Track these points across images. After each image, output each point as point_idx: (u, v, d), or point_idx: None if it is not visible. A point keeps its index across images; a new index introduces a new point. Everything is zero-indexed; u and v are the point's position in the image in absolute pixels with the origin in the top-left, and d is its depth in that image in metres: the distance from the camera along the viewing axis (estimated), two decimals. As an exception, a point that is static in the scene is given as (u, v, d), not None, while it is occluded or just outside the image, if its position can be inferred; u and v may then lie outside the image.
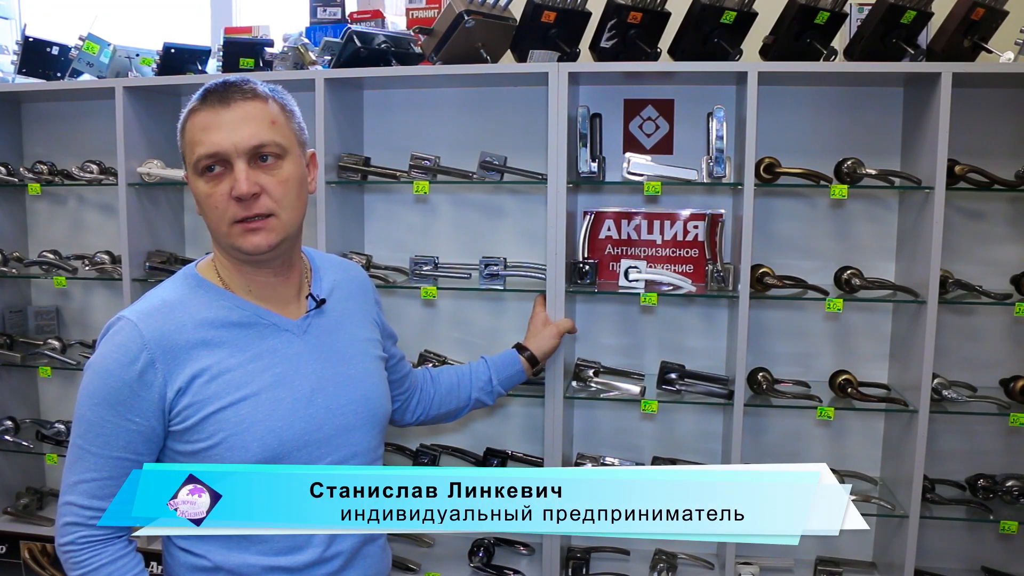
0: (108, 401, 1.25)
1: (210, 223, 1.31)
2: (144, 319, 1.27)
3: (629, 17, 2.15)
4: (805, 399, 2.23)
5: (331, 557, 1.35)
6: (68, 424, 2.70)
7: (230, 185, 1.26)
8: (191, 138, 1.28)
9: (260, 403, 1.30)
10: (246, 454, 1.28)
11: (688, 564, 2.41)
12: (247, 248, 1.29)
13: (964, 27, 2.09)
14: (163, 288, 1.35)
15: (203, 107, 1.28)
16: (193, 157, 1.27)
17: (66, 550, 1.26)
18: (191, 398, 1.27)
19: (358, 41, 2.24)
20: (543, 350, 2.00)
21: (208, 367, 1.28)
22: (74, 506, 1.26)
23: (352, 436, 1.39)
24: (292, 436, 1.31)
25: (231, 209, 1.27)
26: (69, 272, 2.57)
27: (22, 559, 2.62)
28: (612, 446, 2.49)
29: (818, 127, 2.34)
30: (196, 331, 1.28)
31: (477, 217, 2.52)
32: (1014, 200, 2.32)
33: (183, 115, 1.31)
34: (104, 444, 1.25)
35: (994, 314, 2.34)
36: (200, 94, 1.29)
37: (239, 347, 1.31)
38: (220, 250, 1.36)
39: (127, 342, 1.25)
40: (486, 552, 2.42)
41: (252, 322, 1.33)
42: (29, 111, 2.77)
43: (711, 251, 2.39)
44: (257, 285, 1.36)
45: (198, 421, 1.27)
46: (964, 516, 2.26)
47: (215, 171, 1.27)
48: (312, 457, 1.33)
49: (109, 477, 1.25)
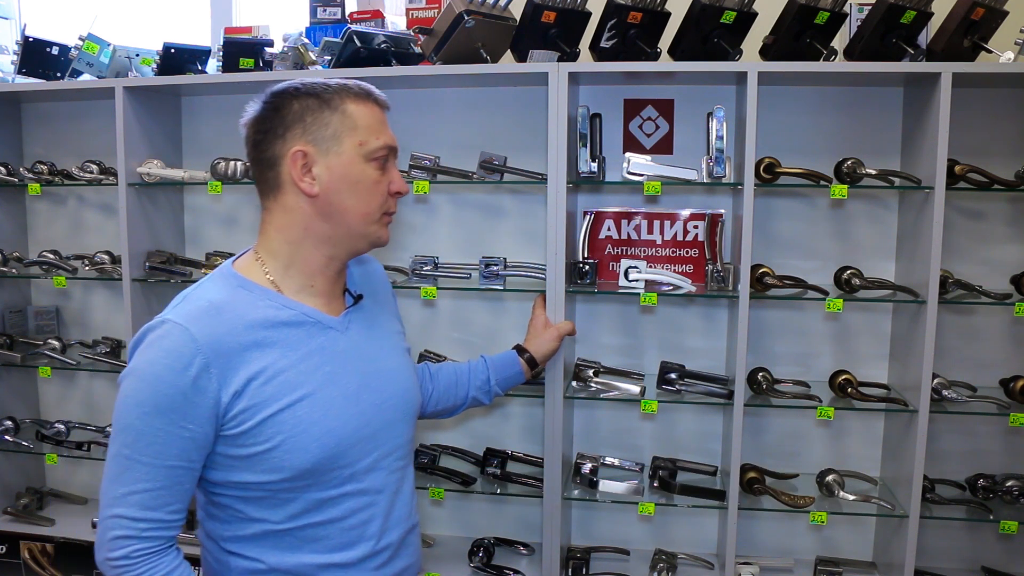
0: (160, 409, 1.20)
1: (360, 207, 1.32)
2: (194, 322, 1.23)
3: (629, 17, 2.15)
4: (805, 399, 2.23)
5: (382, 549, 1.37)
6: (67, 424, 2.70)
7: (388, 180, 1.34)
8: (368, 125, 1.31)
9: (316, 403, 1.28)
10: (305, 455, 1.27)
11: (688, 564, 2.41)
12: (383, 238, 1.37)
13: (964, 27, 2.09)
14: (205, 289, 1.31)
15: (370, 101, 1.33)
16: (372, 145, 1.31)
17: (118, 565, 1.21)
18: (247, 401, 1.24)
19: (358, 41, 2.24)
20: (543, 352, 2.00)
21: (263, 369, 1.25)
22: (124, 519, 1.21)
23: (395, 430, 1.41)
24: (346, 434, 1.31)
25: (388, 201, 1.35)
26: (69, 272, 2.57)
27: (22, 559, 2.62)
28: (612, 446, 2.49)
29: (818, 127, 2.34)
30: (248, 332, 1.26)
31: (477, 217, 2.52)
32: (1014, 200, 2.32)
33: (337, 96, 1.30)
34: (156, 454, 1.21)
35: (994, 314, 2.34)
36: (359, 89, 1.33)
37: (290, 347, 1.29)
38: (317, 244, 1.33)
39: (178, 347, 1.21)
40: (486, 552, 2.42)
41: (300, 321, 1.32)
42: (29, 111, 2.77)
43: (711, 251, 2.39)
44: (324, 280, 1.36)
45: (255, 424, 1.24)
46: (964, 516, 2.26)
47: (386, 164, 1.34)
48: (362, 453, 1.34)
49: (162, 487, 1.22)
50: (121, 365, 2.53)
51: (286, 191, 1.31)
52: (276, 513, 1.30)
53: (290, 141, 1.29)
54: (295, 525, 1.30)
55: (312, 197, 1.30)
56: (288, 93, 1.31)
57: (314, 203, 1.30)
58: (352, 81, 1.35)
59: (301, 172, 1.29)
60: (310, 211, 1.31)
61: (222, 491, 1.30)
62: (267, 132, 1.30)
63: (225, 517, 1.32)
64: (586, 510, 2.54)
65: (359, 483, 1.34)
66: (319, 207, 1.30)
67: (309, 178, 1.29)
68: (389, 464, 1.39)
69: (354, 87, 1.33)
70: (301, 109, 1.29)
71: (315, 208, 1.31)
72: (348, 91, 1.32)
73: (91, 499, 2.82)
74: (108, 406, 2.75)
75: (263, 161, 1.31)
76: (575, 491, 2.32)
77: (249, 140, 1.33)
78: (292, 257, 1.33)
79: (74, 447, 2.65)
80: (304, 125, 1.28)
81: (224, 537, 1.33)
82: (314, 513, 1.31)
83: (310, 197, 1.30)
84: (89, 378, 2.81)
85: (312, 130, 1.28)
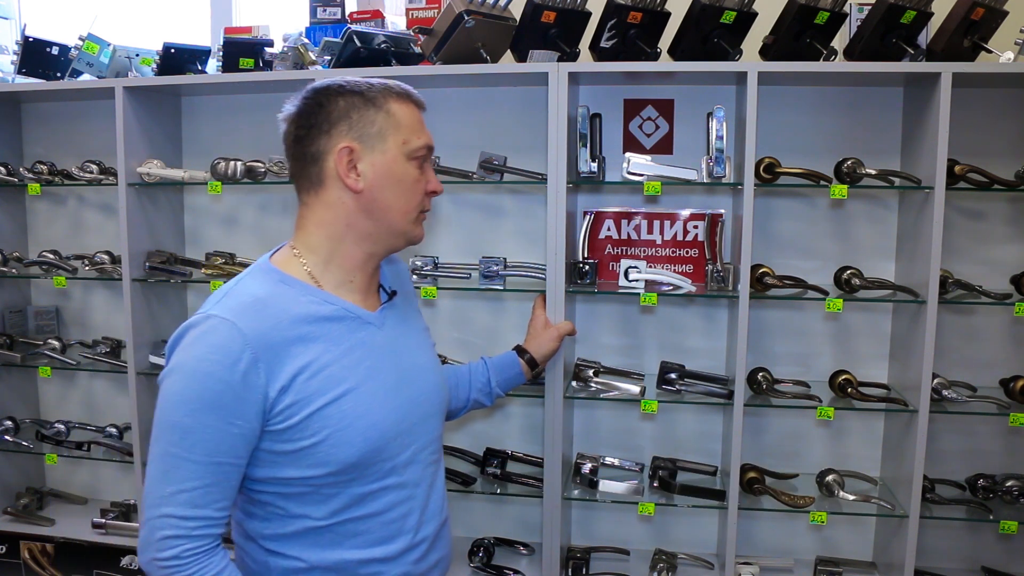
0: (210, 406, 1.19)
1: (401, 205, 1.34)
2: (241, 317, 1.23)
3: (629, 17, 2.15)
4: (805, 399, 2.23)
5: (420, 542, 1.39)
6: (67, 424, 2.71)
7: (426, 179, 1.37)
8: (410, 124, 1.34)
9: (360, 397, 1.29)
10: (350, 449, 1.28)
11: (688, 564, 2.41)
12: (420, 236, 1.40)
13: (964, 27, 2.09)
14: (247, 284, 1.31)
15: (410, 101, 1.36)
16: (415, 144, 1.34)
17: (168, 565, 1.20)
18: (294, 396, 1.24)
19: (358, 41, 2.24)
20: (543, 353, 2.00)
21: (309, 363, 1.26)
22: (173, 518, 1.20)
23: (429, 424, 1.43)
24: (388, 427, 1.33)
25: (424, 200, 1.38)
26: (69, 272, 2.57)
27: (22, 559, 2.62)
28: (612, 446, 2.49)
29: (818, 127, 2.34)
30: (292, 327, 1.26)
31: (477, 217, 2.52)
32: (1014, 200, 2.32)
33: (381, 96, 1.32)
34: (206, 451, 1.20)
35: (994, 314, 2.34)
36: (401, 89, 1.35)
37: (333, 341, 1.30)
38: (358, 240, 1.34)
39: (226, 342, 1.21)
40: (486, 552, 2.42)
41: (341, 316, 1.33)
42: (29, 111, 2.77)
43: (711, 251, 2.39)
44: (363, 276, 1.37)
45: (302, 419, 1.25)
46: (964, 516, 2.26)
47: (423, 163, 1.37)
48: (401, 447, 1.35)
49: (210, 484, 1.21)
50: (121, 365, 2.54)
51: (329, 186, 1.32)
52: (318, 509, 1.30)
53: (336, 137, 1.30)
54: (337, 520, 1.31)
55: (357, 193, 1.31)
56: (333, 90, 1.32)
57: (358, 199, 1.32)
58: (392, 81, 1.37)
59: (347, 168, 1.30)
60: (353, 207, 1.32)
61: (264, 488, 1.29)
62: (311, 128, 1.31)
63: (265, 515, 1.32)
64: (586, 510, 2.53)
65: (399, 476, 1.35)
66: (363, 203, 1.32)
67: (354, 174, 1.31)
68: (425, 458, 1.41)
69: (395, 87, 1.35)
70: (347, 106, 1.31)
71: (358, 204, 1.32)
72: (391, 91, 1.34)
73: (91, 499, 2.83)
74: (108, 406, 2.78)
75: (306, 156, 1.32)
76: (575, 491, 2.32)
77: (290, 135, 1.34)
78: (332, 252, 1.35)
79: (74, 447, 2.65)
80: (350, 122, 1.30)
81: (264, 536, 1.32)
82: (356, 508, 1.32)
83: (355, 193, 1.31)
84: (89, 378, 2.81)
85: (358, 127, 1.30)
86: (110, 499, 2.78)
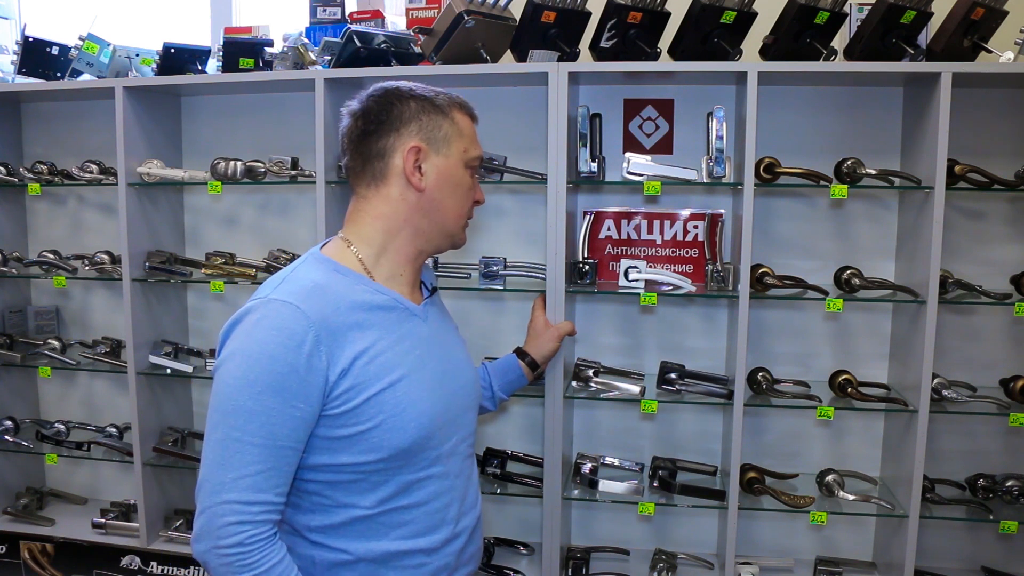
0: (274, 388, 1.21)
1: (456, 208, 1.43)
2: (304, 300, 1.25)
3: (629, 17, 2.15)
4: (805, 399, 2.23)
5: (459, 533, 1.43)
6: (67, 424, 2.71)
7: (475, 188, 1.47)
8: (471, 135, 1.44)
9: (412, 384, 1.33)
10: (404, 435, 1.31)
11: (688, 564, 2.41)
12: (464, 240, 1.49)
13: (964, 27, 2.09)
14: (304, 271, 1.34)
15: (470, 116, 1.45)
16: (473, 153, 1.44)
17: (231, 552, 1.19)
18: (353, 380, 1.27)
19: (358, 41, 2.24)
20: (543, 354, 2.00)
21: (367, 348, 1.29)
22: (237, 503, 1.19)
23: (468, 416, 1.49)
24: (436, 416, 1.36)
25: (471, 208, 1.48)
26: (69, 272, 2.57)
27: (22, 559, 2.62)
28: (612, 446, 2.49)
29: (818, 127, 2.34)
30: (350, 313, 1.30)
31: (477, 217, 2.50)
32: (1014, 200, 2.32)
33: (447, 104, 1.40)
34: (269, 434, 1.21)
35: (994, 314, 2.34)
36: (462, 101, 1.44)
37: (387, 329, 1.34)
38: (412, 236, 1.40)
39: (291, 324, 1.23)
40: (486, 552, 2.42)
41: (392, 306, 1.37)
42: (29, 111, 2.77)
43: (711, 251, 2.39)
44: (411, 271, 1.43)
45: (360, 403, 1.27)
46: (964, 516, 2.26)
47: (475, 174, 1.46)
48: (446, 436, 1.39)
49: (272, 468, 1.22)
50: (120, 365, 2.54)
51: (392, 182, 1.38)
52: (365, 498, 1.32)
53: (405, 136, 1.37)
54: (383, 510, 1.33)
55: (419, 191, 1.38)
56: (404, 92, 1.39)
57: (420, 197, 1.38)
58: (454, 92, 1.44)
59: (413, 167, 1.37)
60: (414, 204, 1.38)
61: (313, 476, 1.31)
62: (381, 124, 1.37)
63: (310, 506, 1.33)
64: (586, 510, 2.53)
65: (443, 466, 1.39)
66: (423, 202, 1.39)
67: (418, 174, 1.37)
68: (464, 449, 1.46)
69: (458, 99, 1.44)
70: (418, 109, 1.38)
71: (419, 202, 1.39)
72: (455, 101, 1.42)
73: (91, 499, 2.83)
74: (108, 406, 2.78)
75: (371, 151, 1.37)
76: (575, 491, 2.32)
77: (355, 130, 1.39)
78: (386, 245, 1.40)
79: (74, 447, 2.65)
80: (420, 124, 1.37)
81: (310, 527, 1.33)
82: (402, 496, 1.34)
83: (417, 191, 1.38)
84: (89, 378, 2.81)
85: (427, 130, 1.37)
86: (110, 499, 2.78)
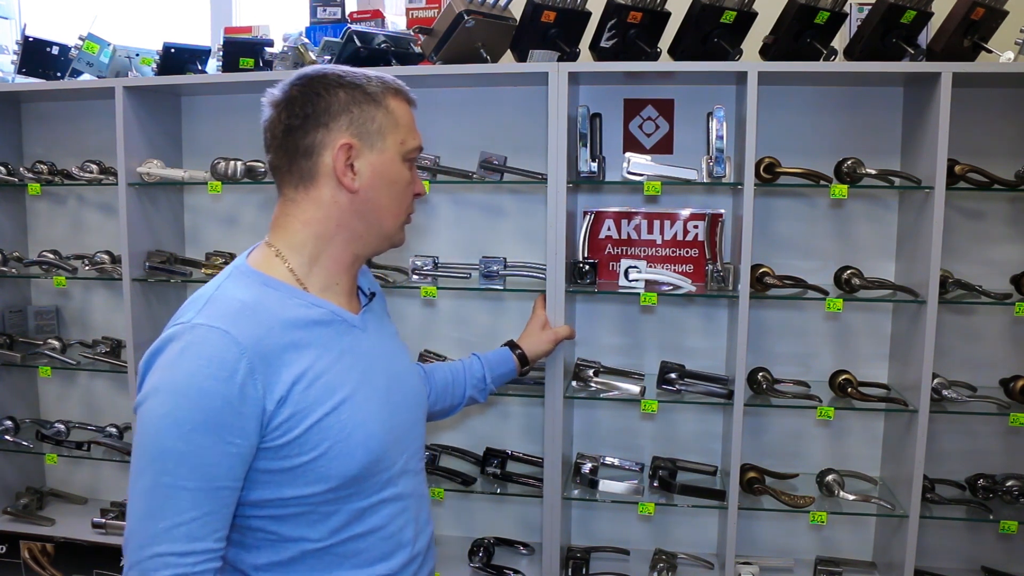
0: (206, 425, 1.07)
1: (393, 208, 1.28)
2: (232, 324, 1.11)
3: (629, 17, 2.15)
4: (805, 399, 2.23)
5: (416, 556, 1.33)
6: (67, 424, 2.71)
7: (414, 181, 1.32)
8: (407, 124, 1.28)
9: (356, 405, 1.20)
10: (352, 462, 1.19)
11: (688, 564, 2.41)
12: (403, 240, 1.35)
13: (964, 27, 2.09)
14: (229, 289, 1.19)
15: (407, 101, 1.30)
16: (411, 144, 1.29)
17: None
18: (293, 407, 1.14)
19: (358, 41, 2.24)
20: (535, 352, 1.99)
21: (305, 370, 1.16)
22: (171, 555, 1.07)
23: (415, 431, 1.37)
24: (385, 436, 1.25)
25: (411, 204, 1.33)
26: (69, 272, 2.57)
27: (22, 559, 2.62)
28: (612, 446, 2.49)
29: (818, 127, 2.34)
30: (284, 333, 1.16)
31: (477, 217, 2.52)
32: (1014, 200, 2.32)
33: (380, 91, 1.25)
34: (203, 476, 1.08)
35: (994, 314, 2.34)
36: (396, 84, 1.28)
37: (325, 347, 1.21)
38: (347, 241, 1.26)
39: (220, 352, 1.09)
40: (486, 552, 2.42)
41: (329, 320, 1.24)
42: (29, 111, 2.77)
43: (711, 251, 2.39)
44: (348, 279, 1.30)
45: (302, 432, 1.14)
46: (964, 516, 2.26)
47: (413, 165, 1.31)
48: (396, 456, 1.28)
49: (209, 512, 1.09)
50: (120, 365, 2.54)
51: (322, 183, 1.23)
52: (315, 530, 1.20)
53: (335, 132, 1.21)
54: (335, 541, 1.22)
55: (353, 192, 1.23)
56: (332, 80, 1.23)
57: (353, 199, 1.24)
58: (388, 75, 1.29)
59: (344, 166, 1.22)
60: (347, 207, 1.24)
61: (255, 512, 1.18)
62: (307, 118, 1.21)
63: (255, 543, 1.21)
64: (586, 510, 2.53)
65: (395, 487, 1.28)
66: (357, 204, 1.24)
67: (351, 173, 1.23)
68: (414, 466, 1.35)
69: (392, 83, 1.28)
70: (348, 100, 1.22)
71: (353, 204, 1.24)
72: (388, 86, 1.27)
73: (91, 499, 2.82)
74: (108, 406, 2.78)
75: (297, 149, 1.22)
76: (575, 491, 2.32)
77: (279, 124, 1.23)
78: (319, 253, 1.25)
79: (74, 447, 2.65)
80: (351, 117, 1.22)
81: (257, 566, 1.21)
82: (355, 524, 1.23)
83: (350, 193, 1.23)
84: (89, 378, 2.81)
85: (358, 123, 1.22)
86: (110, 499, 2.78)
